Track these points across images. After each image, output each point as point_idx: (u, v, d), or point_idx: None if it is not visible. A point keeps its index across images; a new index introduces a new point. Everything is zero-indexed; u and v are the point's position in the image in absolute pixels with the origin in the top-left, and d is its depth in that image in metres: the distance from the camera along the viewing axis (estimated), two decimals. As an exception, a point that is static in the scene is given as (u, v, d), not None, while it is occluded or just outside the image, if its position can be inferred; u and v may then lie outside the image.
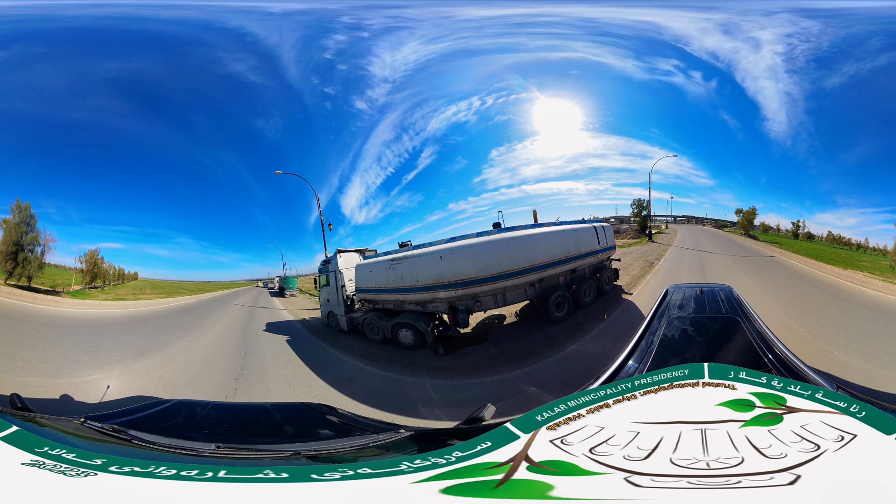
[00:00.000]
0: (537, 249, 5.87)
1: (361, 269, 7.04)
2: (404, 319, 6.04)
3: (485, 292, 5.66)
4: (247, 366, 6.31)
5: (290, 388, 5.83)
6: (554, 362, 5.15)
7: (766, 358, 3.86)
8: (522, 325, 5.84)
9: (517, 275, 5.71)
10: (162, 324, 6.99)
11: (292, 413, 4.66)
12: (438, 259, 5.73)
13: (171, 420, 4.20)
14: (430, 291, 5.80)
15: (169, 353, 6.31)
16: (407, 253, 6.19)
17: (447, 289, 5.67)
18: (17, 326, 6.06)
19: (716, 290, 5.13)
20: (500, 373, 5.16)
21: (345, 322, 6.98)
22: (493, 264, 5.65)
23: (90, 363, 5.69)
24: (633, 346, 4.18)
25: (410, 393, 5.20)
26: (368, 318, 6.64)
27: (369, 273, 6.84)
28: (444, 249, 5.78)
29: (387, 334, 6.21)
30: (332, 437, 3.97)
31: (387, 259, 6.48)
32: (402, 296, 6.18)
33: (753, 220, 6.76)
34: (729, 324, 4.40)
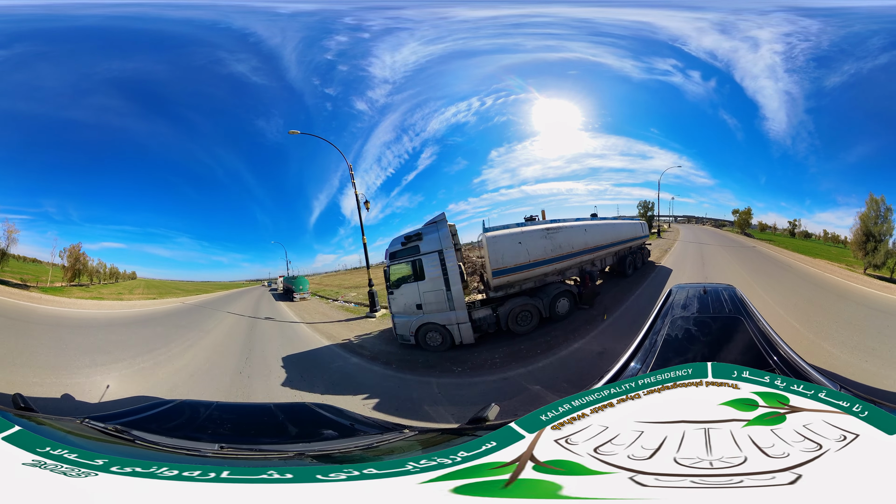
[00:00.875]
0: (622, 232, 7.97)
1: (504, 242, 5.66)
2: (557, 289, 6.32)
3: (598, 257, 7.48)
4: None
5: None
6: (637, 296, 7.40)
7: (770, 357, 3.86)
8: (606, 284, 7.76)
9: (612, 246, 7.77)
10: (118, 337, 5.42)
11: (296, 413, 4.61)
12: (584, 230, 7.06)
13: (173, 420, 4.16)
14: (577, 257, 6.91)
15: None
16: (559, 224, 6.83)
17: (586, 254, 7.09)
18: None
19: (719, 290, 5.16)
20: (622, 305, 7.07)
21: (466, 332, 4.90)
22: (603, 238, 7.62)
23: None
24: (636, 345, 4.17)
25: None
26: (516, 305, 5.42)
27: (518, 246, 6.01)
28: (586, 224, 7.21)
29: (543, 312, 5.91)
30: (336, 437, 3.95)
31: (538, 229, 6.37)
32: (557, 265, 6.66)
33: (749, 220, 8.04)
34: (732, 323, 4.41)
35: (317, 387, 4.39)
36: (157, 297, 6.93)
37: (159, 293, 7.02)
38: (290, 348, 4.78)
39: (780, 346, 4.03)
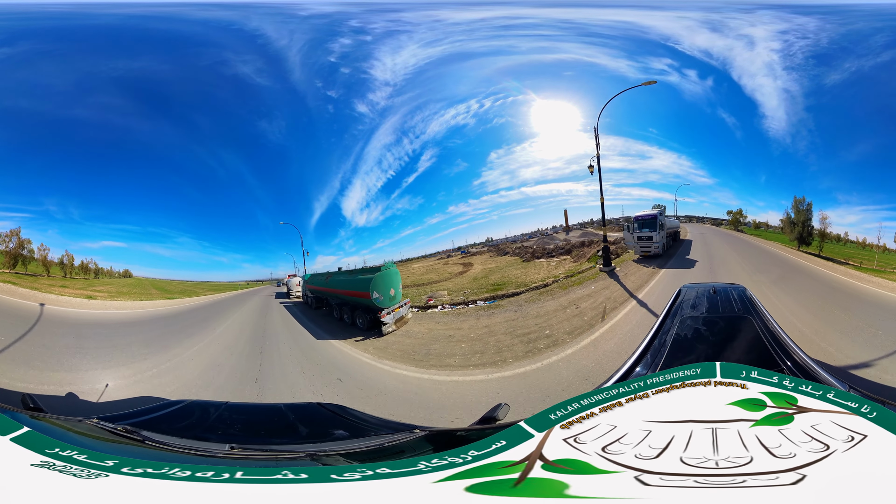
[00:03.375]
0: (671, 224, 10.42)
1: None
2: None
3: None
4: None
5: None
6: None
7: (779, 357, 3.88)
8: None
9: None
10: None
11: (306, 413, 4.62)
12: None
13: (183, 421, 4.14)
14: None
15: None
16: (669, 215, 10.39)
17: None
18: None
19: (728, 290, 5.17)
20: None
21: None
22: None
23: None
24: (645, 345, 4.18)
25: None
26: None
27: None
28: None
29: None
30: (347, 437, 3.94)
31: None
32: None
33: (741, 219, 9.64)
34: (741, 323, 4.43)
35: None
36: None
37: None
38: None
39: (790, 346, 4.04)
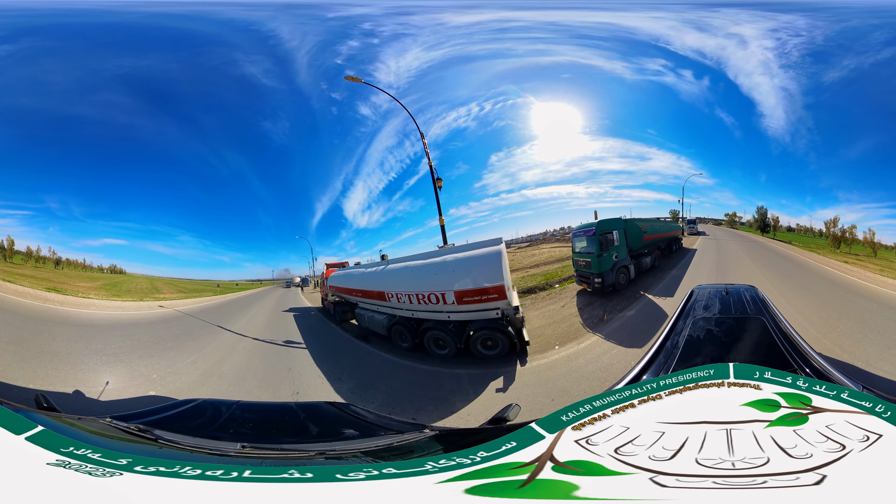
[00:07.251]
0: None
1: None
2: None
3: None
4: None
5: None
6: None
7: (792, 358, 3.84)
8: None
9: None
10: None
11: (316, 412, 4.62)
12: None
13: (195, 420, 4.16)
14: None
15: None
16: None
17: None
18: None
19: (741, 291, 5.14)
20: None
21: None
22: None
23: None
24: (658, 346, 4.15)
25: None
26: None
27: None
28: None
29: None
30: (357, 436, 3.94)
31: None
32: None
33: (735, 219, 9.99)
34: (754, 324, 4.39)
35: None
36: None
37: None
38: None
39: (802, 346, 4.00)
